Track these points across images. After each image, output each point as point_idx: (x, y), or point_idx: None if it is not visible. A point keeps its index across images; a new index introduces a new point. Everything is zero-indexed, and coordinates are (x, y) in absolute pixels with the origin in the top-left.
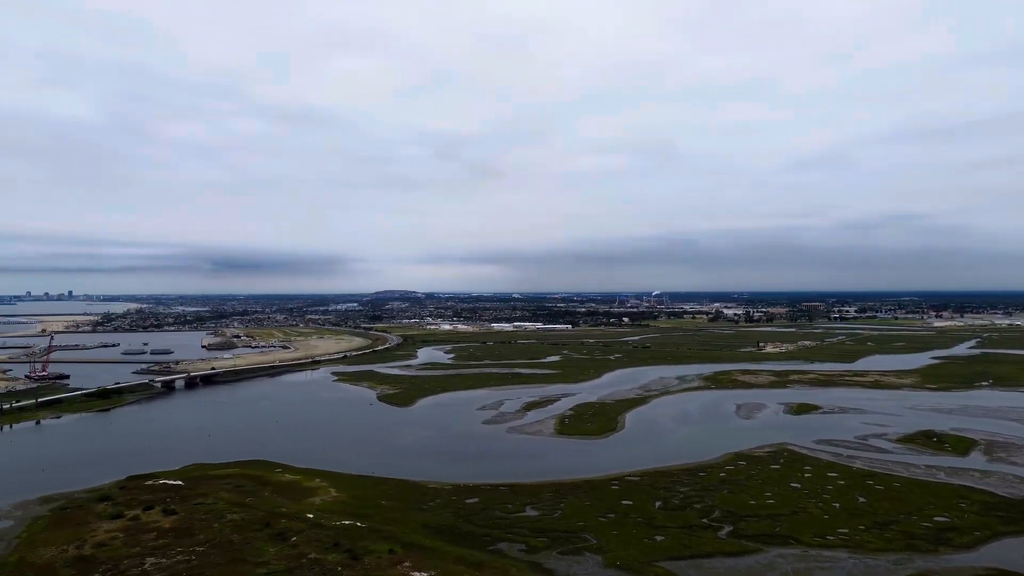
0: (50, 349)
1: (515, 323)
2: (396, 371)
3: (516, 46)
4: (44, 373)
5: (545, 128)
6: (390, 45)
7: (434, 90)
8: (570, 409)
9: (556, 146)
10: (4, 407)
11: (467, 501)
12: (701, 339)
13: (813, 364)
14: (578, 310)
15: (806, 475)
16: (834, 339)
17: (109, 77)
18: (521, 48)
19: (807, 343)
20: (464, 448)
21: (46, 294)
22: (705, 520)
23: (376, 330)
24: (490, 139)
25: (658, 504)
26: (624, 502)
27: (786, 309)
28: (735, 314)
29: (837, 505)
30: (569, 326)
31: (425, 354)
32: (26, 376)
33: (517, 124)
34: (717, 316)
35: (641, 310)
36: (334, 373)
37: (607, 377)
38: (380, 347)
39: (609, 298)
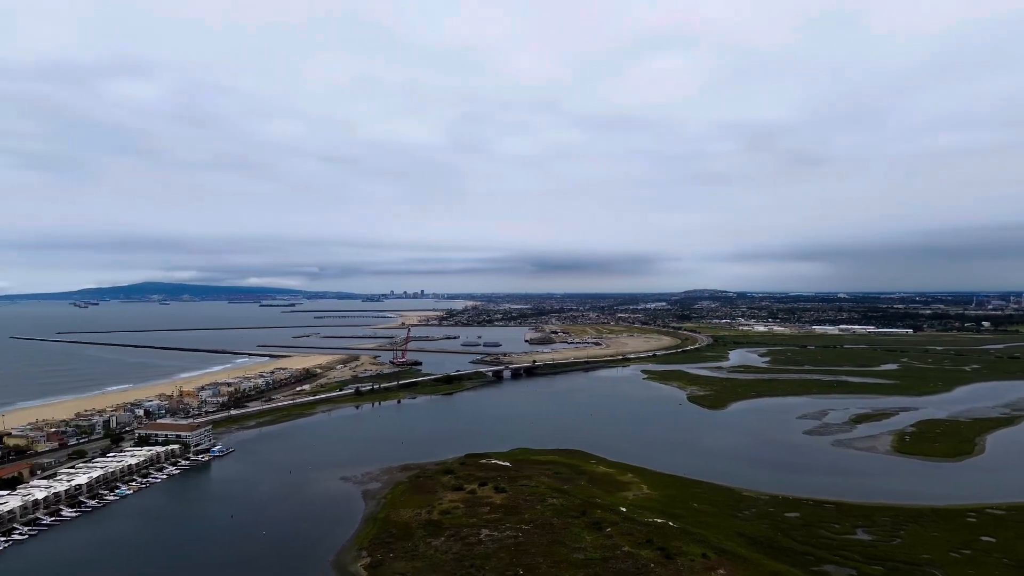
0: (407, 339)
1: (840, 326)
2: (706, 372)
3: (846, 20)
4: (403, 360)
5: (877, 107)
6: (697, 40)
7: (742, 80)
8: (911, 425)
9: (891, 126)
10: (374, 388)
11: (786, 514)
12: None
13: None
14: (921, 312)
15: None
16: None
17: (450, 103)
18: (852, 22)
19: None
20: (782, 457)
21: (404, 293)
22: None
23: (685, 329)
24: (808, 125)
25: None
26: (984, 538)
27: None
28: None
29: None
30: (909, 330)
31: (737, 356)
32: (390, 362)
33: (841, 106)
34: None
35: (1006, 313)
36: (643, 371)
37: (960, 391)
38: (689, 347)
39: (962, 298)
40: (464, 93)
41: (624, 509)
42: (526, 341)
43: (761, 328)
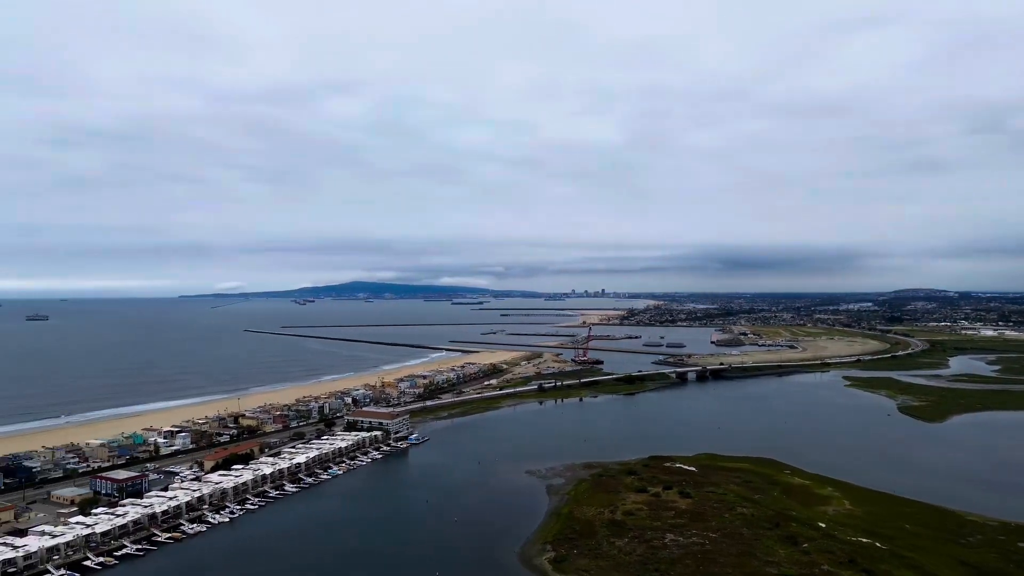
0: (589, 338)
1: None
2: (920, 380)
3: None
4: (585, 358)
5: None
6: (906, 13)
7: (961, 55)
8: None
9: None
10: (557, 385)
11: (1020, 544)
12: None
13: None
14: None
15: None
16: None
17: (632, 100)
18: None
19: None
20: (1017, 480)
21: (585, 292)
22: None
23: (894, 333)
24: None
25: None
26: None
27: None
28: None
29: None
30: None
31: (959, 363)
32: (572, 360)
33: None
34: None
35: None
36: (845, 377)
37: None
38: (900, 352)
39: None
40: (646, 88)
41: (823, 524)
42: (712, 342)
43: (989, 332)
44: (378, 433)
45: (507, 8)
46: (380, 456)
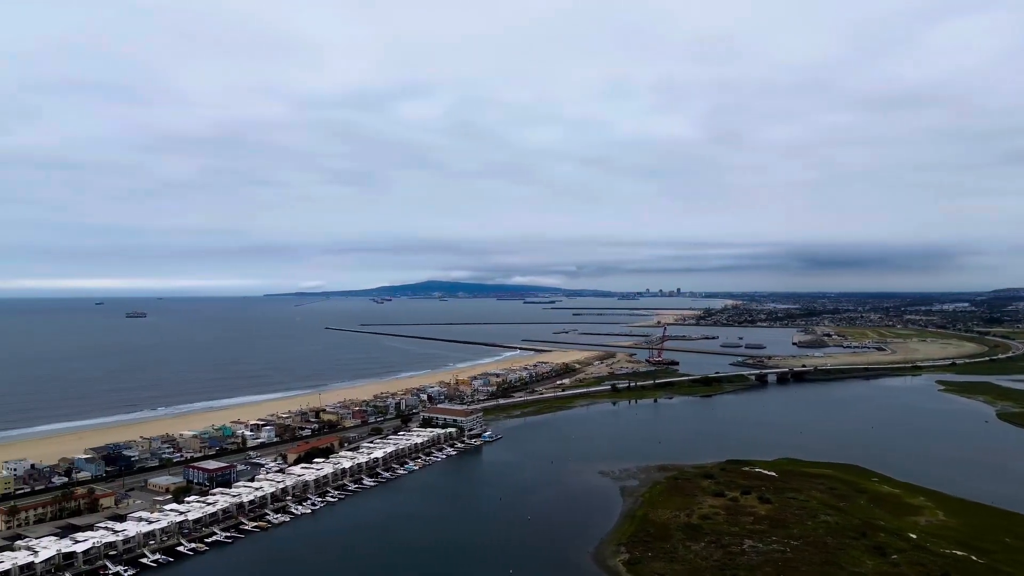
0: (664, 338)
1: None
2: (1022, 386)
3: None
4: (659, 359)
5: None
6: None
7: None
8: None
9: None
10: (631, 385)
11: None
12: None
13: None
14: None
15: None
16: None
17: (707, 95)
18: None
19: None
20: None
21: (660, 291)
22: None
23: (993, 335)
24: None
25: None
26: None
27: None
28: None
29: None
30: None
31: None
32: (646, 360)
33: None
34: None
35: None
36: (939, 381)
37: None
38: (1000, 355)
39: None
40: (721, 83)
41: (914, 535)
42: (794, 344)
43: None
44: (452, 430)
45: (578, 6)
46: (454, 453)
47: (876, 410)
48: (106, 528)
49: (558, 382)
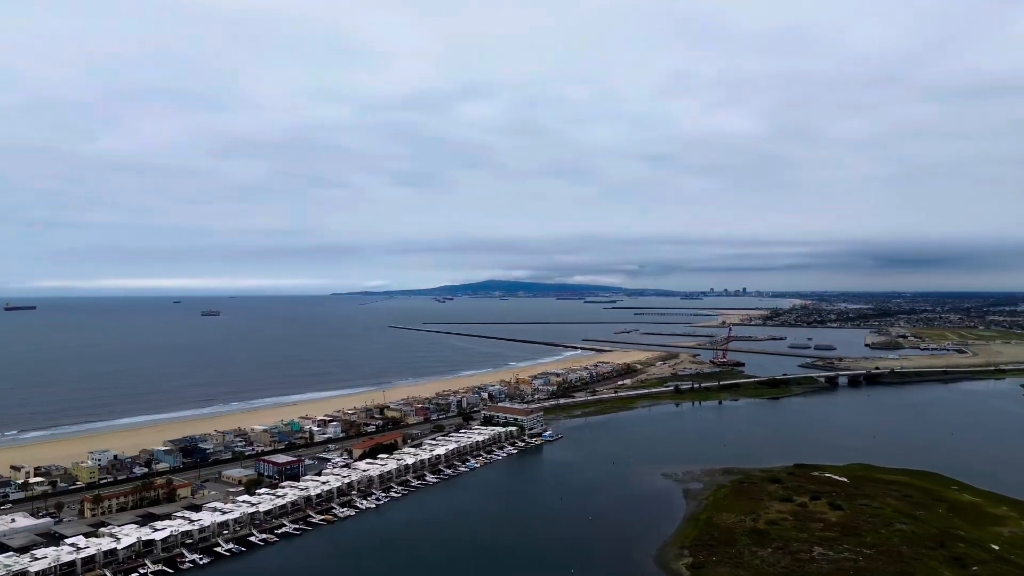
0: (729, 339)
1: None
2: None
3: None
4: (724, 360)
5: None
6: None
7: None
8: None
9: None
10: (694, 386)
11: None
12: None
13: None
14: None
15: None
16: None
17: (774, 89)
18: None
19: None
20: None
21: (724, 290)
22: None
23: None
24: None
25: None
26: None
27: None
28: None
29: None
30: None
31: None
32: (711, 361)
33: None
34: None
35: None
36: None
37: None
38: None
39: None
40: (788, 77)
41: (996, 547)
42: (866, 345)
43: None
44: (513, 429)
45: (639, 1)
46: (515, 451)
47: (956, 415)
48: (183, 517)
49: (619, 382)
